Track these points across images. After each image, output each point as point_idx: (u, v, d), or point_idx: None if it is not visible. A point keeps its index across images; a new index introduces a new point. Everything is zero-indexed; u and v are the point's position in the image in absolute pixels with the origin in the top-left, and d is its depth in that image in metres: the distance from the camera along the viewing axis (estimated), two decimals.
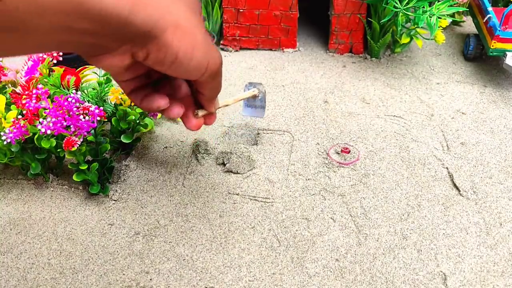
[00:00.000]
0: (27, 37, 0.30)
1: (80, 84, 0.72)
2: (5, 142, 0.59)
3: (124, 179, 0.69)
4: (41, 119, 0.59)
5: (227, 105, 0.61)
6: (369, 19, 0.92)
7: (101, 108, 0.62)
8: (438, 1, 0.82)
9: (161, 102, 0.45)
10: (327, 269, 0.58)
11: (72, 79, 0.70)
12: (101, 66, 0.37)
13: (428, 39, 0.87)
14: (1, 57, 0.36)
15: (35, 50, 0.34)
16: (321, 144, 0.74)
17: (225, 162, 0.70)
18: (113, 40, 0.34)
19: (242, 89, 0.87)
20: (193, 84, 0.49)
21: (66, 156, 0.62)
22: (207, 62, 0.41)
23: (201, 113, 0.49)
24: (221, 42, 1.00)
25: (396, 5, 0.81)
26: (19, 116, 0.61)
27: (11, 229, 0.63)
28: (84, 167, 0.63)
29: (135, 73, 0.42)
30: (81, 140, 0.61)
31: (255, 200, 0.66)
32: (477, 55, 0.93)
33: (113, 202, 0.66)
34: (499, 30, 0.82)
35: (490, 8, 0.87)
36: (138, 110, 0.69)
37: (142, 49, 0.36)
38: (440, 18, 0.81)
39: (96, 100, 0.71)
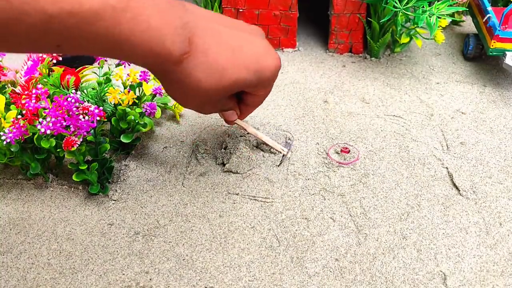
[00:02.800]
0: None
1: (80, 84, 0.72)
2: (4, 142, 0.59)
3: (123, 179, 0.69)
4: (40, 119, 0.59)
5: (245, 129, 0.67)
6: (368, 18, 0.92)
7: (101, 108, 0.62)
8: (438, 1, 0.82)
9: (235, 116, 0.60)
10: (326, 269, 0.58)
11: (72, 79, 0.70)
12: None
13: (428, 39, 0.87)
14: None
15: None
16: (321, 144, 0.74)
17: (225, 162, 0.70)
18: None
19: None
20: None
21: (65, 156, 0.62)
22: (197, 110, 0.53)
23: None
24: None
25: (395, 4, 0.81)
26: (19, 116, 0.61)
27: (10, 229, 0.63)
28: (83, 167, 0.63)
29: None
30: (81, 140, 0.61)
31: (255, 200, 0.66)
32: (477, 54, 0.93)
33: (113, 202, 0.66)
34: (499, 30, 0.82)
35: (489, 8, 0.87)
36: (138, 110, 0.69)
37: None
38: (440, 17, 0.81)
39: (96, 100, 0.71)
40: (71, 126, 0.60)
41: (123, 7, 0.35)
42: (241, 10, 0.93)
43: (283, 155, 0.70)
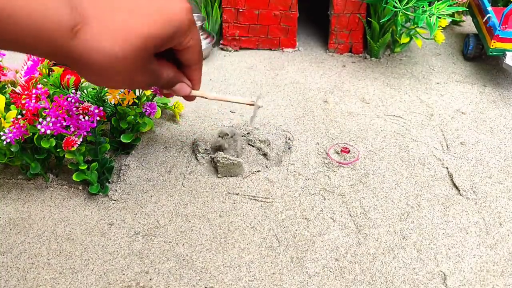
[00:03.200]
0: None
1: (80, 84, 0.72)
2: (4, 142, 0.59)
3: (123, 179, 0.69)
4: (40, 119, 0.59)
5: (205, 97, 0.59)
6: (368, 18, 0.92)
7: (101, 108, 0.62)
8: (438, 1, 0.82)
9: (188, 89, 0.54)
10: (326, 269, 0.58)
11: (72, 79, 0.70)
12: None
13: (428, 39, 0.87)
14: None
15: None
16: (321, 144, 0.74)
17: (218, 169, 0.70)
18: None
19: (239, 90, 0.87)
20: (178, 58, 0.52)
21: (65, 156, 0.62)
22: (129, 88, 0.49)
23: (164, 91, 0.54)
24: (221, 42, 1.00)
25: (395, 4, 0.81)
26: (19, 116, 0.61)
27: (10, 229, 0.63)
28: (83, 167, 0.63)
29: None
30: (81, 140, 0.61)
31: (255, 200, 0.66)
32: (477, 54, 0.93)
33: (113, 202, 0.66)
34: (499, 30, 0.82)
35: (489, 8, 0.87)
36: (138, 110, 0.69)
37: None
38: (440, 17, 0.81)
39: (96, 100, 0.71)
40: (71, 126, 0.60)
41: None
42: (241, 10, 0.93)
43: (254, 109, 0.63)
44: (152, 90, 0.70)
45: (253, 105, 0.62)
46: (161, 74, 0.50)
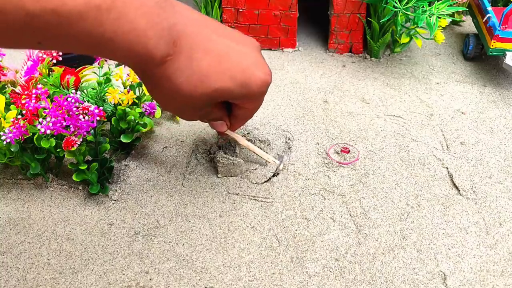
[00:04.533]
0: None
1: (80, 84, 0.72)
2: (4, 142, 0.59)
3: (123, 179, 0.69)
4: (40, 119, 0.59)
5: (236, 140, 0.66)
6: (368, 18, 0.92)
7: (101, 108, 0.62)
8: (438, 1, 0.82)
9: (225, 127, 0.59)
10: (326, 269, 0.58)
11: (72, 79, 0.70)
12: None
13: (428, 39, 0.87)
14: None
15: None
16: (321, 144, 0.74)
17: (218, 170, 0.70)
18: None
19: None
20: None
21: (65, 156, 0.62)
22: (177, 114, 0.53)
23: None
24: None
25: (395, 4, 0.81)
26: (19, 116, 0.61)
27: (10, 229, 0.63)
28: (83, 167, 0.63)
29: None
30: (81, 140, 0.61)
31: (255, 200, 0.66)
32: (477, 54, 0.93)
33: (113, 202, 0.66)
34: (499, 30, 0.82)
35: (489, 8, 0.87)
36: (138, 110, 0.69)
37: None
38: (440, 17, 0.81)
39: (96, 100, 0.71)
40: (71, 126, 0.60)
41: (108, 7, 0.35)
42: (241, 10, 0.93)
43: (277, 167, 0.69)
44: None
45: (276, 169, 0.69)
46: (213, 114, 0.54)
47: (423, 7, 0.81)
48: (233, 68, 0.46)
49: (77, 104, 0.61)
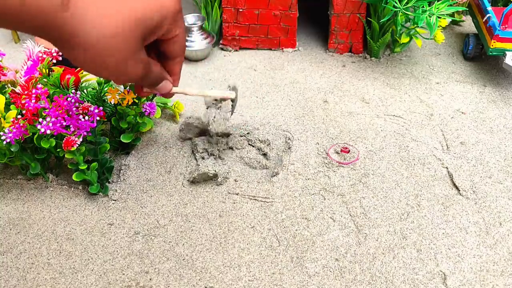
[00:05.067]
0: None
1: (80, 84, 0.72)
2: (4, 142, 0.59)
3: (123, 178, 0.69)
4: (40, 119, 0.59)
5: (186, 93, 0.59)
6: (368, 18, 0.92)
7: (101, 108, 0.62)
8: (438, 1, 0.82)
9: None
10: (326, 269, 0.58)
11: (72, 79, 0.70)
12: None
13: (428, 39, 0.87)
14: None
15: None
16: (321, 144, 0.74)
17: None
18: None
19: (239, 89, 0.87)
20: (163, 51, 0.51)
21: (65, 156, 0.62)
22: (119, 77, 0.45)
23: (145, 89, 0.53)
24: (221, 41, 1.00)
25: (395, 4, 0.81)
26: (19, 116, 0.61)
27: (10, 229, 0.63)
28: (83, 167, 0.63)
29: None
30: (81, 140, 0.61)
31: (255, 199, 0.66)
32: (477, 54, 0.93)
33: (113, 202, 0.66)
34: (499, 30, 0.82)
35: (489, 8, 0.87)
36: (138, 110, 0.69)
37: (57, 46, 0.41)
38: (440, 17, 0.81)
39: (96, 100, 0.71)
40: (71, 126, 0.60)
41: None
42: (241, 10, 0.93)
43: (232, 103, 0.65)
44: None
45: (233, 99, 0.65)
46: (151, 67, 0.49)
47: (423, 7, 0.81)
48: None
49: (77, 104, 0.61)
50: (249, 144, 0.73)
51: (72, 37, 0.40)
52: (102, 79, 0.71)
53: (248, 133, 0.74)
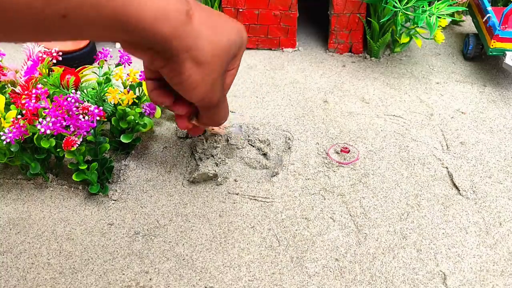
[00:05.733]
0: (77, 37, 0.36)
1: (80, 84, 0.72)
2: (4, 142, 0.59)
3: (123, 179, 0.69)
4: (40, 119, 0.59)
5: (215, 133, 0.66)
6: (368, 18, 0.92)
7: (101, 108, 0.62)
8: (438, 1, 0.82)
9: (166, 99, 0.50)
10: (326, 269, 0.58)
11: (72, 78, 0.70)
12: (134, 56, 0.42)
13: (428, 39, 0.87)
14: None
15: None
16: (321, 144, 0.74)
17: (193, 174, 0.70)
18: (139, 43, 0.39)
19: (239, 89, 0.88)
20: None
21: (65, 156, 0.62)
22: (206, 98, 0.46)
23: (194, 121, 0.53)
24: None
25: (395, 4, 0.81)
26: (19, 116, 0.61)
27: (10, 229, 0.63)
28: (83, 167, 0.63)
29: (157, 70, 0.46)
30: (81, 140, 0.61)
31: (255, 199, 0.66)
32: (477, 54, 0.93)
33: (113, 202, 0.66)
34: (499, 30, 0.82)
35: (489, 8, 0.87)
36: (138, 110, 0.69)
37: (160, 60, 0.41)
38: (440, 17, 0.81)
39: (96, 100, 0.71)
40: (71, 126, 0.60)
41: None
42: (241, 10, 0.93)
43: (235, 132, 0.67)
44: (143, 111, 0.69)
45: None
46: (225, 89, 0.52)
47: (423, 7, 0.81)
48: (226, 26, 0.46)
49: (77, 104, 0.61)
50: (249, 144, 0.73)
51: (189, 50, 0.41)
52: (102, 79, 0.71)
53: (247, 132, 0.74)
